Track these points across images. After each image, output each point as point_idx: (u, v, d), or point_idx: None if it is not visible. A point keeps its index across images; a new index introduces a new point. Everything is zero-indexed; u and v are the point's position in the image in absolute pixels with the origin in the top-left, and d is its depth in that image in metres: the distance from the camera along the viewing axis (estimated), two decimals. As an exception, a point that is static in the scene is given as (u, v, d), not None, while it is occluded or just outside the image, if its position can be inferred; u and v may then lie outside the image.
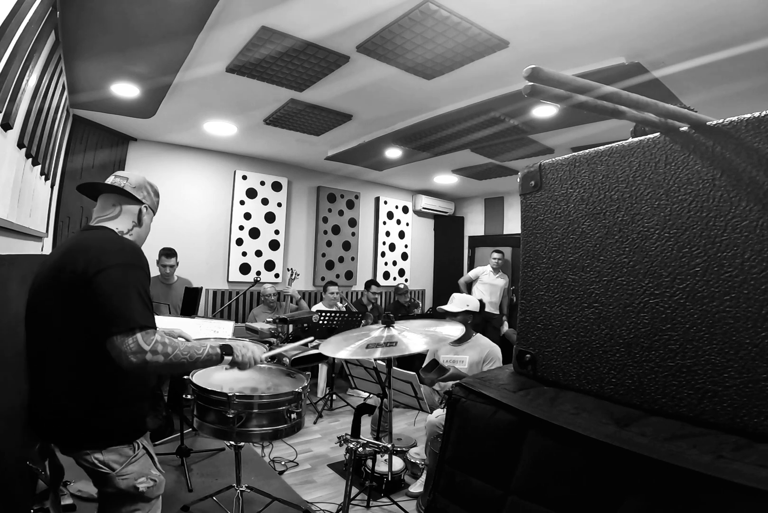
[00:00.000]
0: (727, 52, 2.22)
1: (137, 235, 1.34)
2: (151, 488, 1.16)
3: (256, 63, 2.65)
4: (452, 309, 2.73)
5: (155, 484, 1.18)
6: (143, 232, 1.38)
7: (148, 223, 1.39)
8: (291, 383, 1.73)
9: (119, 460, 1.12)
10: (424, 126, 3.64)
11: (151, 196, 1.38)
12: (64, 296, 1.09)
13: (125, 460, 1.13)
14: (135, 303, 1.08)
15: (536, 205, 0.93)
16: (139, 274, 1.14)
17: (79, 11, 2.12)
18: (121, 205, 1.31)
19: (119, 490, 1.11)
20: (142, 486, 1.14)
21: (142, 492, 1.13)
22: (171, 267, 3.78)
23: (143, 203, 1.33)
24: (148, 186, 1.37)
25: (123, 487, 1.11)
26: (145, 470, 1.17)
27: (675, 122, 0.69)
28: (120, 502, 1.13)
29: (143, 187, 1.34)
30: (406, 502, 2.33)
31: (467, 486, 0.84)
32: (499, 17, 2.12)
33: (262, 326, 3.69)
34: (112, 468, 1.10)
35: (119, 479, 1.11)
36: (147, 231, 1.40)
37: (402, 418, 3.67)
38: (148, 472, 1.17)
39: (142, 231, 1.36)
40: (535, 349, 0.92)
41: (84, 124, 3.79)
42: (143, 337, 1.06)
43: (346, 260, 5.94)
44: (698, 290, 0.67)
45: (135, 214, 1.32)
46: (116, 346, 1.03)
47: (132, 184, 1.31)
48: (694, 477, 0.55)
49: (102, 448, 1.10)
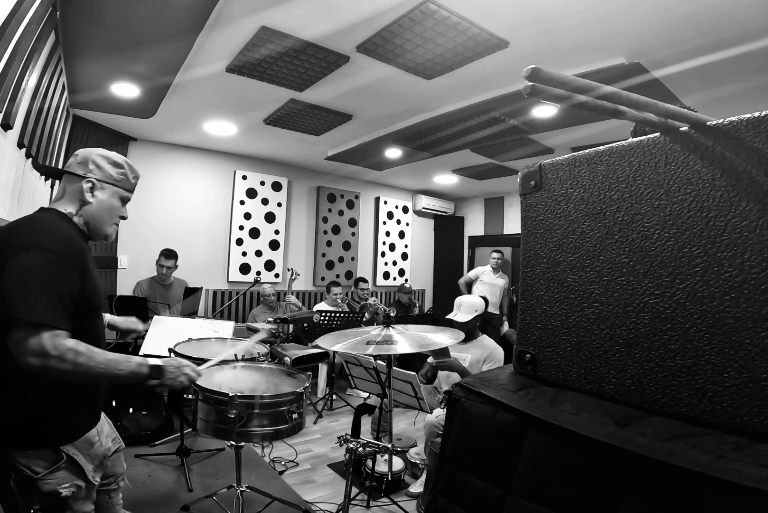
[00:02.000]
0: (727, 52, 2.22)
1: (89, 215, 1.17)
2: (76, 493, 1.11)
3: (256, 63, 2.65)
4: (462, 318, 2.61)
5: (80, 489, 1.11)
6: (99, 212, 1.18)
7: (104, 199, 1.19)
8: (292, 383, 1.73)
9: (42, 464, 1.06)
10: (424, 126, 3.63)
11: (104, 168, 1.19)
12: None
13: (49, 466, 1.06)
14: (42, 294, 0.95)
15: (536, 205, 0.93)
16: (54, 261, 0.99)
17: (79, 11, 2.12)
18: (65, 185, 1.17)
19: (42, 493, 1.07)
20: (65, 491, 1.08)
21: (65, 496, 1.08)
22: (168, 268, 3.78)
23: (86, 178, 1.16)
24: (98, 157, 1.19)
25: (45, 491, 1.06)
26: (70, 478, 1.10)
27: (675, 122, 0.69)
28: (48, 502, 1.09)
29: (88, 160, 1.18)
30: (406, 502, 2.33)
31: (467, 486, 0.84)
32: (499, 17, 2.12)
33: (263, 326, 3.69)
34: (34, 472, 1.05)
35: (41, 483, 1.05)
36: (108, 210, 1.20)
37: (402, 418, 3.67)
38: (74, 479, 1.11)
39: (95, 210, 1.17)
40: (535, 349, 0.92)
41: (84, 124, 3.79)
42: (51, 338, 0.93)
43: (346, 260, 5.94)
44: (698, 290, 0.67)
45: (78, 192, 1.16)
46: (15, 341, 0.92)
47: (77, 160, 1.18)
48: (694, 477, 0.55)
49: (20, 449, 1.04)
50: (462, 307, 2.70)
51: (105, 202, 1.19)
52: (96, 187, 1.18)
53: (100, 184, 1.18)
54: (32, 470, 1.05)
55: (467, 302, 2.73)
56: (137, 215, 4.18)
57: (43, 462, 1.06)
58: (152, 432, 2.88)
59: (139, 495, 2.22)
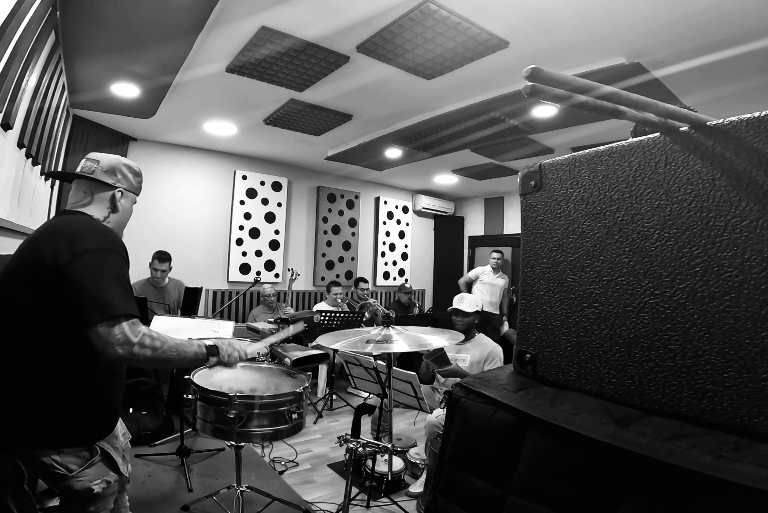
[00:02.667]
0: (727, 52, 2.22)
1: (115, 222, 1.25)
2: (106, 489, 1.14)
3: (256, 63, 2.65)
4: (465, 308, 2.72)
5: (109, 485, 1.15)
6: (123, 218, 1.28)
7: (128, 207, 1.29)
8: (292, 383, 1.73)
9: (77, 462, 1.08)
10: (424, 126, 3.64)
11: (128, 177, 1.27)
12: (32, 287, 1.02)
13: (83, 463, 1.09)
14: (116, 289, 1.02)
15: (536, 205, 0.93)
16: (117, 260, 1.08)
17: (79, 11, 2.12)
18: (93, 193, 1.21)
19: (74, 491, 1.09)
20: (97, 488, 1.11)
21: (97, 493, 1.11)
22: (163, 272, 3.76)
23: (116, 187, 1.23)
24: (123, 167, 1.26)
25: (77, 489, 1.08)
26: (102, 473, 1.13)
27: (675, 122, 0.69)
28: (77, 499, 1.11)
29: (116, 169, 1.24)
30: (406, 502, 2.33)
31: (467, 486, 0.84)
32: (499, 17, 2.12)
33: (263, 326, 3.69)
34: (69, 470, 1.07)
35: (74, 481, 1.08)
36: (128, 215, 1.31)
37: (402, 418, 3.67)
38: (105, 475, 1.14)
39: (121, 216, 1.27)
40: (535, 349, 0.92)
41: (84, 124, 3.79)
42: (130, 327, 1.00)
43: (346, 260, 5.94)
44: (698, 290, 0.67)
45: (108, 200, 1.22)
46: (101, 336, 0.97)
47: (103, 168, 1.22)
48: (694, 477, 0.55)
49: (58, 447, 1.06)
50: (465, 300, 2.79)
51: (127, 209, 1.30)
52: (122, 197, 1.26)
53: (124, 193, 1.27)
54: (67, 468, 1.07)
55: (469, 296, 2.85)
56: (137, 215, 4.15)
57: (77, 459, 1.09)
58: (152, 432, 2.88)
59: (139, 495, 2.21)
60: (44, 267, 1.01)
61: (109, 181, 1.22)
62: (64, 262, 1.00)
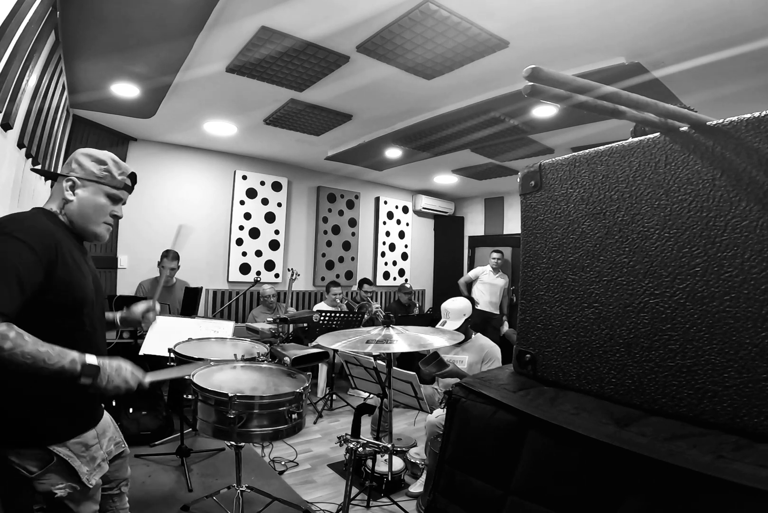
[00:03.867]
0: (727, 52, 2.22)
1: (71, 213, 1.18)
2: (72, 494, 1.10)
3: (256, 63, 2.65)
4: (452, 327, 2.58)
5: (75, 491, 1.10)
6: (80, 209, 1.18)
7: (86, 196, 1.19)
8: (292, 383, 1.73)
9: (35, 464, 1.06)
10: (424, 126, 3.63)
11: (86, 166, 1.19)
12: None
13: (42, 465, 1.06)
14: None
15: (536, 205, 0.93)
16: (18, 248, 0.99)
17: (79, 11, 2.12)
18: (53, 186, 1.21)
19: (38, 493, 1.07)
20: (61, 492, 1.08)
21: (60, 497, 1.08)
22: (172, 269, 3.78)
23: (67, 176, 1.18)
24: (82, 156, 1.20)
25: (39, 491, 1.07)
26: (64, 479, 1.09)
27: (675, 122, 0.69)
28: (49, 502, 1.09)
29: (73, 159, 1.20)
30: (406, 502, 2.33)
31: (467, 486, 0.84)
32: (499, 17, 2.12)
33: (262, 326, 3.69)
34: (29, 471, 1.05)
35: (36, 483, 1.06)
36: (92, 207, 1.20)
37: (402, 418, 3.67)
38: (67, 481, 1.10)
39: (76, 207, 1.18)
40: (535, 349, 0.92)
41: (84, 124, 3.79)
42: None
43: (346, 260, 5.94)
44: (698, 290, 0.67)
45: (62, 191, 1.18)
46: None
47: (67, 161, 1.22)
48: (694, 477, 0.55)
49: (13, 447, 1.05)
50: (450, 315, 2.67)
51: (87, 199, 1.19)
52: (77, 186, 1.18)
53: (82, 181, 1.18)
54: (27, 470, 1.05)
55: (453, 309, 2.69)
56: (137, 215, 4.19)
57: (36, 462, 1.06)
58: (152, 432, 2.88)
59: (139, 495, 2.21)
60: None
61: (64, 171, 1.19)
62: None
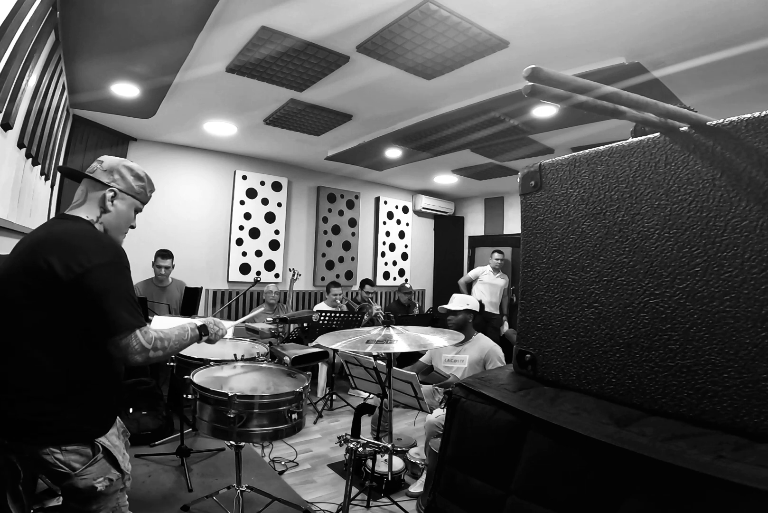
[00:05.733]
0: (727, 52, 2.22)
1: (108, 223, 1.23)
2: (108, 487, 1.15)
3: (256, 63, 2.65)
4: (453, 307, 2.81)
5: (112, 483, 1.16)
6: (116, 220, 1.24)
7: (123, 209, 1.25)
8: (291, 383, 1.73)
9: (80, 460, 1.10)
10: (424, 126, 3.63)
11: (126, 179, 1.25)
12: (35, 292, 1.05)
13: (86, 461, 1.11)
14: (128, 304, 1.11)
15: (536, 205, 0.93)
16: (125, 273, 1.15)
17: (79, 11, 2.12)
18: (88, 192, 1.22)
19: (77, 489, 1.10)
20: (100, 485, 1.13)
21: (100, 491, 1.13)
22: (166, 268, 3.76)
23: (109, 187, 1.22)
24: (123, 168, 1.25)
25: (81, 487, 1.10)
26: (105, 471, 1.15)
27: (675, 122, 0.69)
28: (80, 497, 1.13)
29: (115, 169, 1.23)
30: (406, 502, 2.33)
31: (467, 486, 0.84)
32: (498, 17, 2.12)
33: (262, 326, 3.69)
34: (72, 468, 1.08)
35: (78, 479, 1.09)
36: (124, 220, 1.27)
37: (402, 418, 3.67)
38: (107, 472, 1.15)
39: (113, 218, 1.23)
40: (535, 349, 0.92)
41: (84, 124, 3.79)
42: (143, 336, 1.10)
43: (346, 260, 5.94)
44: (698, 290, 0.67)
45: (100, 200, 1.21)
46: (120, 347, 1.08)
47: (104, 168, 1.23)
48: (694, 477, 0.55)
49: (60, 444, 1.08)
50: (454, 300, 2.90)
51: (123, 212, 1.26)
52: (117, 197, 1.24)
53: (122, 194, 1.25)
54: (70, 467, 1.09)
55: (459, 296, 2.99)
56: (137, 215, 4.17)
57: (80, 457, 1.10)
58: (152, 432, 2.88)
59: (139, 495, 2.21)
60: (51, 276, 1.04)
61: (105, 179, 1.22)
62: (76, 276, 1.05)
